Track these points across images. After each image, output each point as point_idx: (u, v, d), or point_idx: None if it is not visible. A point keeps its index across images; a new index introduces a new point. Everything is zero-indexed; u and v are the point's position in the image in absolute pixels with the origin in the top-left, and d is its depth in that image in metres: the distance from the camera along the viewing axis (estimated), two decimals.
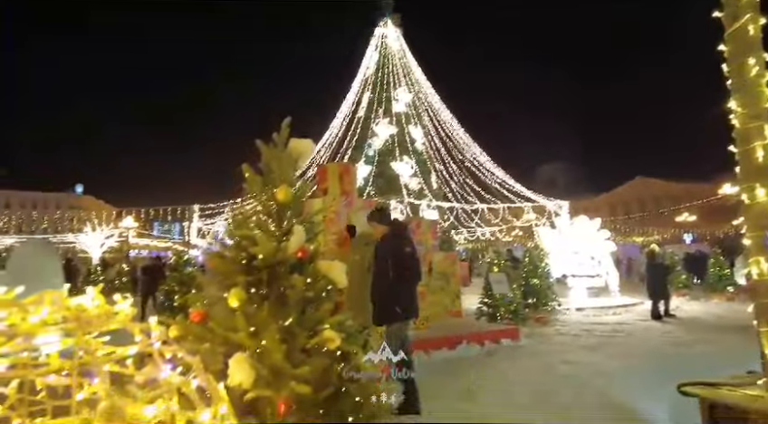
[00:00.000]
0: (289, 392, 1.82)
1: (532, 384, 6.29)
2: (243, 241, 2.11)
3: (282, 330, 1.98)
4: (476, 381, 6.43)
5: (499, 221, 35.35)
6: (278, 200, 2.20)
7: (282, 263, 2.09)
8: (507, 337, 9.24)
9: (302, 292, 2.03)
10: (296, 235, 2.12)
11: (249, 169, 2.30)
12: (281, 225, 2.22)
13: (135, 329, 1.44)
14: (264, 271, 2.07)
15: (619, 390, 5.80)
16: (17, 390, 1.73)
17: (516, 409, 5.26)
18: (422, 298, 9.68)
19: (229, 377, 1.76)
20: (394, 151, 32.88)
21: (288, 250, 2.08)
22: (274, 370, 1.86)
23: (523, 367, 7.33)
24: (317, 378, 1.92)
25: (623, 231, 45.38)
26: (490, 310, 11.65)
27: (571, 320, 12.50)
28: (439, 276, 11.25)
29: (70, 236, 47.00)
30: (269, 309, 2.01)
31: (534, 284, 13.28)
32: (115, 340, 1.58)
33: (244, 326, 1.94)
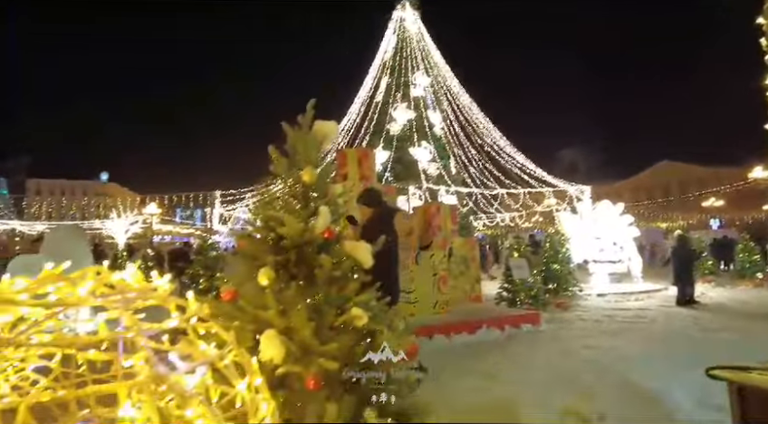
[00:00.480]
0: (317, 368, 1.87)
1: (552, 367, 6.29)
2: (270, 222, 2.15)
3: (310, 308, 2.02)
4: (497, 363, 6.47)
5: (519, 206, 34.99)
6: (304, 182, 2.23)
7: (309, 243, 2.12)
8: (528, 322, 9.23)
9: (329, 271, 2.07)
10: (322, 215, 2.15)
11: (275, 151, 2.33)
12: (307, 206, 2.25)
13: (171, 305, 1.49)
14: (292, 251, 2.11)
15: (642, 374, 5.75)
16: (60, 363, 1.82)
17: (537, 389, 5.27)
18: (443, 283, 9.76)
19: (260, 352, 1.81)
20: (412, 137, 32.62)
21: (315, 231, 2.11)
22: (303, 346, 1.91)
23: (543, 351, 7.32)
24: (344, 355, 1.96)
25: (646, 216, 44.45)
26: (510, 295, 11.62)
27: (593, 305, 12.39)
28: (459, 261, 11.27)
29: (96, 222, 48.29)
30: (297, 288, 2.05)
31: (555, 269, 13.17)
32: (148, 318, 1.64)
33: (274, 304, 1.99)
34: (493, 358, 6.88)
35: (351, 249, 2.24)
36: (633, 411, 4.69)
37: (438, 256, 9.92)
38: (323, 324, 2.02)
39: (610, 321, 10.08)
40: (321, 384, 1.88)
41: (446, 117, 35.72)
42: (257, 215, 2.24)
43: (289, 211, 2.18)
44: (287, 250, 2.11)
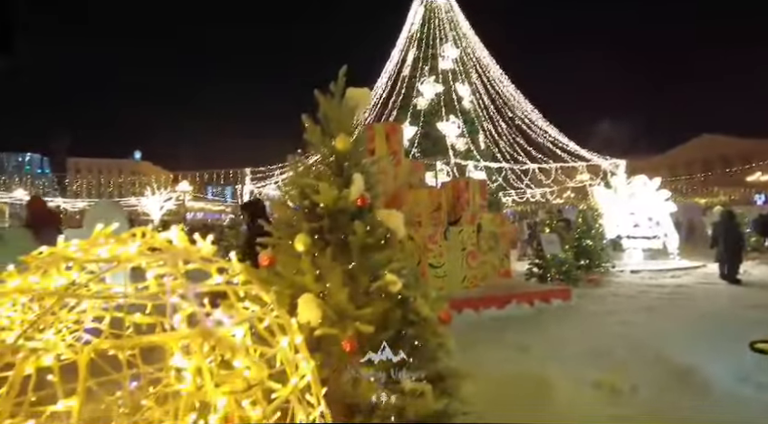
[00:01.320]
0: (353, 332, 1.90)
1: (584, 342, 6.23)
2: (305, 189, 2.17)
3: (344, 274, 2.05)
4: (527, 337, 6.45)
5: (550, 182, 34.18)
6: (337, 150, 2.23)
7: (343, 210, 2.14)
8: (558, 297, 9.13)
9: (363, 238, 2.08)
10: (356, 183, 2.15)
11: (309, 120, 2.33)
12: (340, 174, 2.25)
13: (213, 268, 1.53)
14: (326, 218, 2.13)
15: (679, 349, 5.63)
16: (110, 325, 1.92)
17: (569, 362, 5.25)
18: (472, 258, 9.72)
19: (298, 315, 1.86)
20: (440, 111, 32.02)
21: (348, 198, 2.12)
22: (339, 310, 1.94)
23: (575, 326, 7.26)
24: (379, 319, 1.98)
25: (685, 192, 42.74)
26: (540, 271, 11.49)
27: (626, 282, 12.12)
28: (488, 237, 11.17)
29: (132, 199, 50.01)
30: (332, 254, 2.07)
31: (587, 245, 12.88)
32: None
33: (310, 270, 2.03)
34: (523, 332, 6.86)
35: (385, 217, 2.24)
36: (668, 386, 4.62)
37: (467, 232, 9.86)
38: (358, 290, 2.04)
39: (645, 297, 9.86)
40: (357, 347, 1.92)
41: (476, 90, 34.81)
42: (292, 183, 2.26)
43: (323, 179, 2.19)
44: (321, 217, 2.13)
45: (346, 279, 2.03)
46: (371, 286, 2.05)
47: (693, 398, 4.25)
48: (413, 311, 2.13)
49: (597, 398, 4.43)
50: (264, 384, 1.12)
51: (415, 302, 2.15)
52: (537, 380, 4.62)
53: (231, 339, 1.09)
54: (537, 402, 4.15)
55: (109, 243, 1.20)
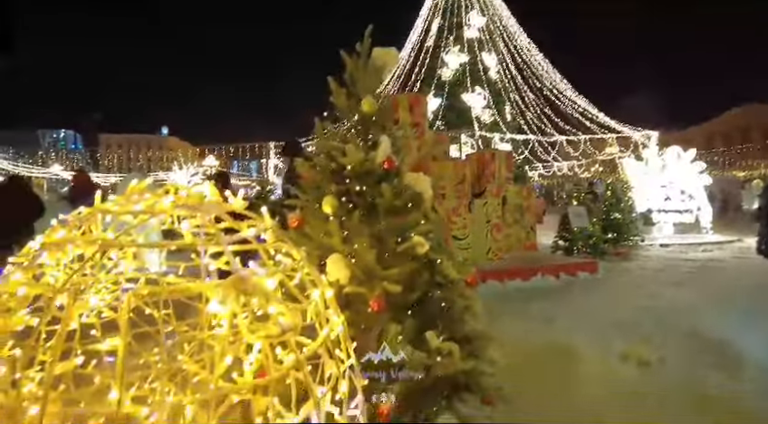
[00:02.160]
0: (381, 291, 1.92)
1: (611, 314, 6.17)
2: (332, 152, 2.17)
3: (372, 236, 2.06)
4: (552, 308, 6.43)
5: (578, 155, 33.30)
6: (363, 111, 2.20)
7: (369, 173, 2.13)
8: (585, 270, 9.02)
9: (390, 201, 2.08)
10: (382, 145, 2.13)
11: (334, 82, 2.30)
12: (366, 136, 2.23)
13: (243, 226, 1.56)
14: (353, 181, 2.13)
15: (710, 322, 5.52)
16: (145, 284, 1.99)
17: (595, 334, 5.21)
18: (496, 230, 9.64)
19: (327, 274, 1.88)
20: (465, 82, 31.22)
21: (375, 161, 2.11)
22: (366, 271, 1.96)
23: (601, 299, 7.17)
24: (406, 280, 2.00)
25: (721, 164, 41.01)
26: (566, 244, 11.33)
27: (655, 255, 11.86)
28: (513, 209, 11.04)
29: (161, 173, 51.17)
30: (359, 216, 2.08)
31: (616, 218, 12.58)
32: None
33: (337, 232, 2.04)
34: (548, 303, 6.83)
35: (412, 181, 2.22)
36: (697, 358, 4.55)
37: (492, 204, 9.76)
38: (385, 252, 2.05)
39: (675, 270, 9.64)
40: (385, 306, 1.94)
41: (502, 59, 33.74)
42: (319, 146, 2.25)
43: (349, 141, 2.18)
44: (348, 180, 2.13)
45: (373, 241, 2.04)
46: (398, 248, 2.06)
47: (724, 372, 4.17)
48: (440, 273, 2.13)
49: (623, 369, 4.40)
50: (299, 330, 1.15)
51: (441, 264, 2.15)
52: (562, 351, 4.61)
53: (265, 286, 1.12)
54: (562, 372, 4.15)
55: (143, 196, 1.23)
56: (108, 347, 1.01)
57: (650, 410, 3.47)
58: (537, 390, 3.47)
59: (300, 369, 1.10)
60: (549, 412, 3.32)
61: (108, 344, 0.99)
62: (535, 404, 3.21)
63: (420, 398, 2.01)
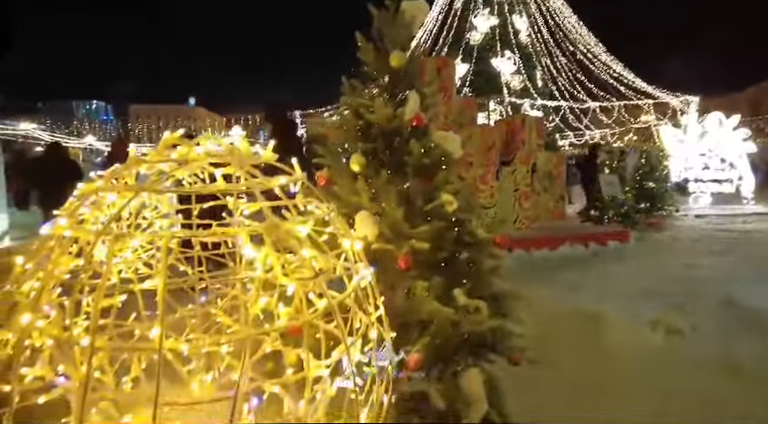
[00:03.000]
0: (409, 249, 1.92)
1: (641, 283, 6.06)
2: (359, 109, 2.14)
3: (399, 194, 2.04)
4: (580, 277, 6.35)
5: (612, 122, 32.02)
6: (392, 66, 2.15)
7: (397, 130, 2.09)
8: (615, 239, 8.82)
9: (419, 159, 2.05)
10: (411, 101, 2.08)
11: (362, 37, 2.24)
12: (395, 93, 2.19)
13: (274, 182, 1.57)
14: (381, 138, 2.10)
15: (746, 293, 5.35)
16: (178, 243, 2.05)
17: (624, 301, 5.14)
18: (524, 199, 9.48)
19: (355, 231, 1.89)
20: (495, 46, 30.05)
21: (403, 117, 2.07)
22: (394, 229, 1.95)
23: (632, 268, 7.03)
24: (433, 239, 1.99)
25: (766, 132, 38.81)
26: (596, 213, 11.06)
27: (690, 226, 11.48)
28: (543, 177, 10.80)
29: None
30: (387, 175, 2.06)
31: (650, 187, 12.16)
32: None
33: (365, 190, 2.03)
34: (576, 271, 6.75)
35: (441, 139, 2.18)
36: (732, 328, 4.44)
37: (521, 172, 9.57)
38: (413, 210, 2.04)
39: (711, 241, 9.32)
40: (412, 264, 1.94)
41: (534, 22, 32.24)
42: (345, 103, 2.22)
43: (377, 97, 2.14)
44: (376, 138, 2.10)
45: (401, 200, 2.03)
46: (426, 207, 2.04)
47: (759, 343, 4.06)
48: (468, 232, 2.11)
49: (653, 337, 4.34)
50: (330, 275, 1.16)
51: (470, 223, 2.13)
52: (589, 317, 4.57)
53: (298, 231, 1.13)
54: (589, 337, 4.13)
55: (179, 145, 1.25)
56: (148, 286, 1.05)
57: (680, 377, 3.43)
58: (563, 354, 3.46)
59: (331, 314, 1.12)
60: (576, 375, 3.32)
61: (148, 284, 1.03)
62: (562, 367, 3.22)
63: (447, 353, 2.03)
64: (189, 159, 1.18)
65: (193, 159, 1.18)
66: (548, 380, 2.98)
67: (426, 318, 1.92)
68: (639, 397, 3.17)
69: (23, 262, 1.11)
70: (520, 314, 2.25)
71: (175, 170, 1.16)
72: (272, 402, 1.52)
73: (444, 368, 2.07)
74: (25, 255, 1.14)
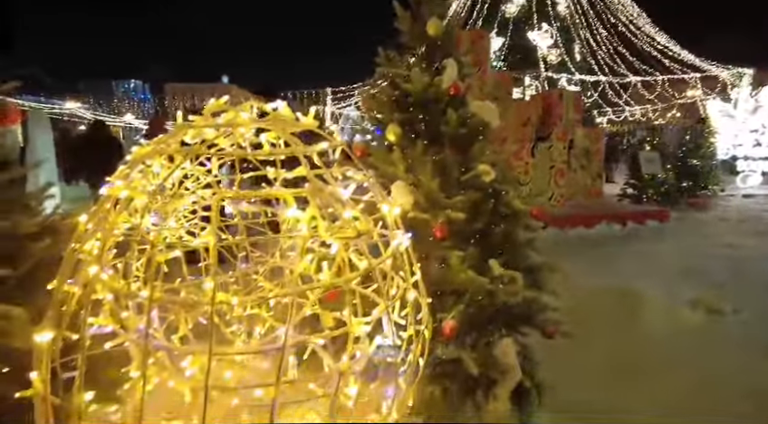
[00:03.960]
0: (444, 219, 1.93)
1: (681, 262, 5.87)
2: (395, 79, 2.13)
3: (435, 164, 2.04)
4: (616, 255, 6.21)
5: (654, 98, 30.49)
6: (429, 35, 2.12)
7: (434, 99, 2.08)
8: (654, 218, 8.53)
9: (456, 128, 2.03)
10: (449, 69, 2.05)
11: (399, 7, 2.22)
12: (432, 61, 2.16)
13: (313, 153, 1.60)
14: (418, 108, 2.09)
15: None
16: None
17: (661, 280, 5.00)
18: (560, 176, 9.26)
19: (391, 200, 1.91)
20: (531, 18, 28.89)
21: (441, 85, 2.05)
22: (430, 198, 1.96)
23: (671, 247, 6.82)
24: (469, 210, 1.98)
25: None
26: (635, 192, 10.69)
27: (736, 206, 10.96)
28: (580, 154, 10.49)
29: None
30: (422, 145, 2.06)
31: (693, 164, 11.62)
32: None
33: (401, 161, 2.04)
34: (612, 250, 6.61)
35: (478, 108, 2.15)
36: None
37: (557, 148, 9.31)
38: (449, 180, 2.04)
39: (757, 222, 8.89)
40: (447, 234, 1.95)
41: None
42: (381, 73, 2.21)
43: (414, 66, 2.12)
44: (412, 107, 2.10)
45: (437, 170, 2.03)
46: (463, 177, 2.03)
47: None
48: (504, 204, 2.10)
49: (693, 316, 4.24)
50: (372, 235, 1.19)
51: (506, 195, 2.11)
52: (626, 294, 4.49)
53: (340, 193, 1.16)
54: (626, 314, 4.06)
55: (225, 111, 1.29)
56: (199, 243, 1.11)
57: (720, 358, 3.35)
58: (598, 330, 3.43)
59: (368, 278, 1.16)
60: (611, 351, 3.29)
61: (199, 241, 1.09)
62: (597, 342, 3.19)
63: (481, 323, 2.05)
64: (236, 123, 1.22)
65: (239, 124, 1.22)
66: (582, 355, 2.96)
67: (460, 288, 1.94)
68: (676, 376, 3.12)
69: (85, 220, 1.19)
70: (555, 288, 2.24)
71: (218, 137, 1.20)
72: (311, 359, 1.59)
73: (477, 337, 2.09)
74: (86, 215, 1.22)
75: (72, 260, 1.19)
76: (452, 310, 1.86)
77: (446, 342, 1.89)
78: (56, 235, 1.45)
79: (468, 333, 2.05)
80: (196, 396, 1.18)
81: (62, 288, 1.16)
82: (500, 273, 1.94)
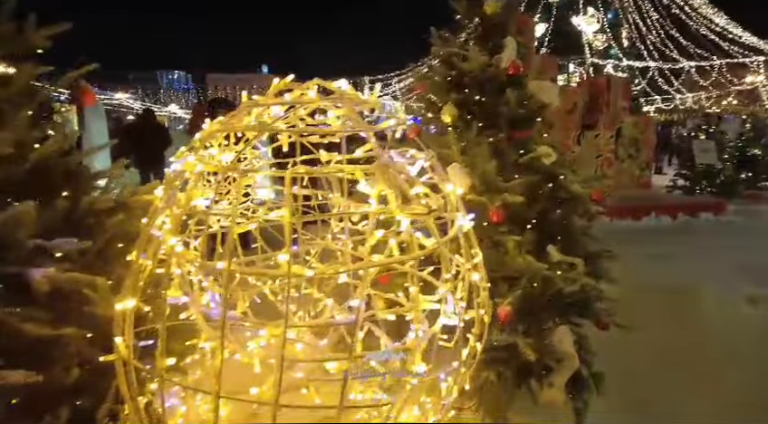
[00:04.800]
0: (501, 202, 1.88)
1: (738, 257, 5.54)
2: (452, 58, 2.08)
3: (492, 146, 2.00)
4: (667, 248, 5.94)
5: (708, 85, 28.78)
6: (486, 13, 2.06)
7: (492, 79, 2.02)
8: (709, 210, 8.10)
9: (515, 109, 1.97)
10: (509, 47, 1.99)
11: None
12: (488, 41, 2.10)
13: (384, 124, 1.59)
14: (474, 88, 2.05)
15: None
16: None
17: (718, 275, 4.75)
18: (607, 165, 8.92)
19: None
20: (576, 3, 27.71)
21: (499, 64, 1.99)
22: (486, 181, 1.92)
23: (727, 241, 6.45)
24: (527, 193, 1.93)
25: None
26: (687, 183, 10.18)
27: None
28: (628, 143, 10.07)
29: None
30: (479, 127, 2.01)
31: (754, 155, 10.91)
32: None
33: (456, 142, 2.01)
34: (663, 243, 6.31)
35: (536, 88, 2.08)
36: None
37: (604, 137, 8.97)
38: (506, 163, 1.99)
39: None
40: (504, 219, 1.91)
41: None
42: (436, 53, 2.17)
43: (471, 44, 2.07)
44: (468, 88, 2.05)
45: (493, 152, 1.98)
46: (521, 159, 1.98)
47: None
48: (563, 187, 2.03)
49: (753, 312, 4.01)
50: (440, 213, 1.18)
51: (565, 178, 2.04)
52: (680, 289, 4.29)
53: (408, 170, 1.14)
54: (681, 308, 3.89)
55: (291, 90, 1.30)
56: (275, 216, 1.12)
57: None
58: (653, 323, 3.29)
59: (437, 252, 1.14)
60: (666, 345, 3.17)
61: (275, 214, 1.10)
62: (651, 335, 3.07)
63: (536, 310, 2.01)
64: (303, 100, 1.22)
65: (307, 101, 1.22)
66: (636, 347, 2.86)
67: (515, 273, 1.90)
68: (732, 372, 2.97)
69: (161, 194, 1.23)
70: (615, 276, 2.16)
71: (276, 121, 1.21)
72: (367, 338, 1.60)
73: (530, 324, 2.05)
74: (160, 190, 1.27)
75: (146, 234, 1.23)
76: (507, 296, 1.82)
77: (500, 327, 1.86)
78: (128, 210, 1.52)
79: (522, 320, 2.01)
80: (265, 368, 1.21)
81: (138, 260, 1.21)
82: (559, 259, 1.88)
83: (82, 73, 1.63)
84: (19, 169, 1.31)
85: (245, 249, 2.31)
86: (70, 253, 1.30)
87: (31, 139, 1.39)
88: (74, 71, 1.63)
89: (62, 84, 1.58)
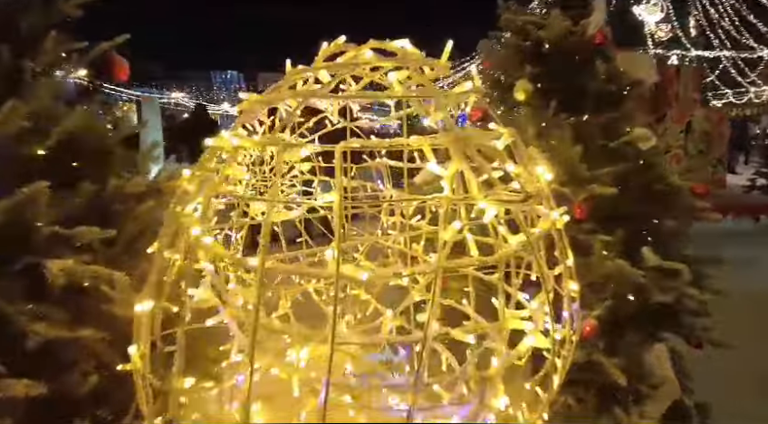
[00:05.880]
0: (588, 194, 1.58)
1: None
2: (526, 26, 1.79)
3: (575, 128, 1.69)
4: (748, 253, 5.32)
5: None
6: None
7: (575, 49, 1.72)
8: None
9: (603, 85, 1.66)
10: (597, 11, 1.68)
11: None
12: (571, 6, 1.79)
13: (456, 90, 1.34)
14: (554, 59, 1.74)
15: None
16: None
17: None
18: (676, 162, 8.21)
19: None
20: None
21: (585, 31, 1.68)
22: (568, 170, 1.62)
23: None
24: (619, 182, 1.61)
25: None
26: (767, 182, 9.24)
27: None
28: (698, 139, 9.27)
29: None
30: (559, 104, 1.71)
31: None
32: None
33: (531, 123, 1.71)
34: (744, 248, 5.67)
35: (626, 61, 1.75)
36: None
37: (672, 132, 8.28)
38: (592, 147, 1.68)
39: None
40: (588, 214, 1.61)
41: None
42: (507, 22, 1.88)
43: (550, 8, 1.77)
44: (546, 60, 1.75)
45: (577, 135, 1.68)
46: (611, 144, 1.66)
47: None
48: (659, 178, 1.69)
49: None
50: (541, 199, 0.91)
51: (662, 167, 1.71)
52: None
53: (492, 143, 0.89)
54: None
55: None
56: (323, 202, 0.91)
57: None
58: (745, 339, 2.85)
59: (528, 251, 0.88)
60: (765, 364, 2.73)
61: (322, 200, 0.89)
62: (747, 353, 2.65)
63: (622, 324, 1.69)
64: (360, 61, 0.99)
65: (364, 63, 0.99)
66: (731, 369, 2.46)
67: (602, 279, 1.59)
68: None
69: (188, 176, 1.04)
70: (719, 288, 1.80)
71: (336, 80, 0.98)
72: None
73: (614, 339, 1.74)
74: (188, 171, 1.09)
75: (172, 222, 1.05)
76: (593, 307, 1.52)
77: (582, 343, 1.56)
78: (161, 196, 1.35)
79: (604, 334, 1.70)
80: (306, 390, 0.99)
81: (162, 253, 1.02)
82: (657, 264, 1.55)
83: (113, 45, 1.48)
84: (40, 147, 1.16)
85: (291, 244, 2.12)
86: (92, 242, 1.14)
87: (58, 113, 1.23)
88: (106, 43, 1.48)
89: (94, 55, 1.44)
